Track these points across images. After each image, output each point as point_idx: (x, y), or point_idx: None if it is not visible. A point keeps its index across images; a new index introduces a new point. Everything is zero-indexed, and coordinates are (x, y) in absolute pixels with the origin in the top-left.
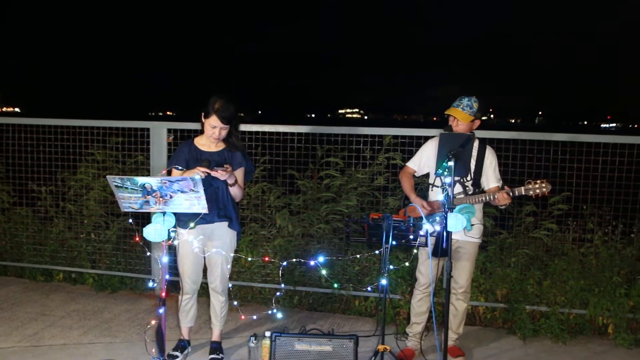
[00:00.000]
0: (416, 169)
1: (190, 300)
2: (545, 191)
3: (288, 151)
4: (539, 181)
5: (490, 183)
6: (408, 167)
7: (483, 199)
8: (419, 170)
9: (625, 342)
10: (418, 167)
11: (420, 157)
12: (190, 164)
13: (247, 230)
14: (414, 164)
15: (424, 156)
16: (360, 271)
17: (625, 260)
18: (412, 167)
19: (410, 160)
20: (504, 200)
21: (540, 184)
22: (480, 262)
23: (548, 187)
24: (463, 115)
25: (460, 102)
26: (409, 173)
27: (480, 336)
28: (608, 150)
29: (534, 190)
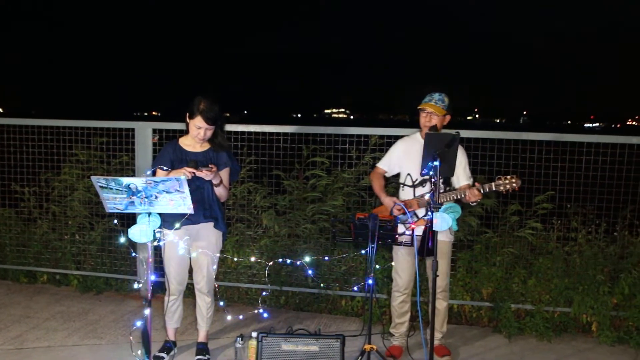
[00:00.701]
0: (387, 169)
1: (176, 301)
2: (515, 186)
3: (274, 151)
4: (509, 177)
5: (461, 181)
6: (378, 168)
7: (454, 196)
8: (390, 171)
9: (609, 340)
10: (389, 167)
11: (391, 157)
12: (175, 164)
13: (233, 231)
14: (384, 164)
15: (394, 156)
16: (347, 271)
17: (608, 259)
18: (382, 168)
19: (380, 160)
20: (474, 196)
21: (510, 179)
22: (465, 261)
23: (518, 182)
24: (437, 109)
25: (432, 96)
26: (380, 174)
27: (466, 335)
28: (591, 149)
29: (504, 185)
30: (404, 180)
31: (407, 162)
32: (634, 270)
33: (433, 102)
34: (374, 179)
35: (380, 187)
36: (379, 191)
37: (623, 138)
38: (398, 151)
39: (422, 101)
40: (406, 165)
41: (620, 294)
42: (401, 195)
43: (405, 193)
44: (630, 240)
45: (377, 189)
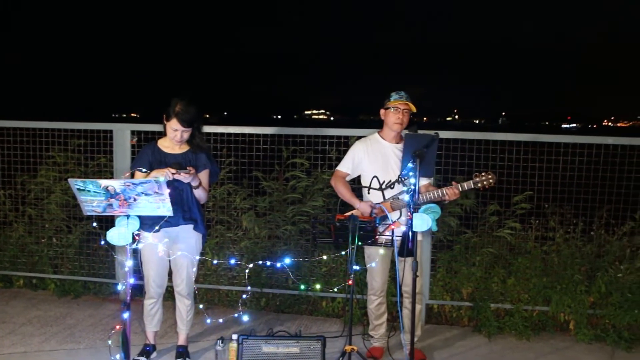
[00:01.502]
0: (349, 172)
1: (155, 305)
2: (491, 182)
3: (254, 152)
4: (484, 173)
5: (422, 180)
6: (340, 171)
7: (430, 196)
8: (352, 173)
9: (586, 338)
10: (351, 169)
11: (352, 159)
12: (154, 166)
13: (212, 233)
14: (346, 167)
15: (355, 158)
16: (328, 272)
17: (585, 258)
18: (344, 171)
19: (341, 163)
20: (453, 195)
21: (487, 175)
22: (445, 262)
23: (494, 178)
24: (411, 106)
25: (400, 94)
26: (342, 177)
27: (447, 335)
28: (568, 150)
29: (481, 182)
30: (369, 183)
31: (371, 165)
32: (610, 269)
33: (404, 99)
34: (338, 184)
35: (350, 193)
36: (349, 196)
37: (599, 138)
38: (360, 153)
39: (391, 99)
40: (371, 168)
41: (597, 293)
42: (367, 198)
43: (373, 196)
44: (606, 239)
45: (346, 195)
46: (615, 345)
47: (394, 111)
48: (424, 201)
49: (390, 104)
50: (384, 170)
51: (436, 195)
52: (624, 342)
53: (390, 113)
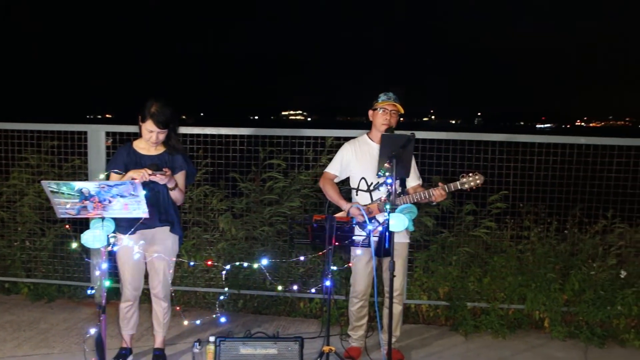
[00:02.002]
0: (338, 174)
1: (131, 307)
2: (478, 182)
3: (230, 154)
4: (471, 173)
5: (411, 182)
6: (328, 173)
7: (418, 197)
8: (341, 175)
9: (560, 335)
10: (339, 171)
11: (341, 161)
12: (129, 168)
13: (189, 235)
14: (334, 169)
15: (344, 160)
16: (305, 273)
17: (559, 256)
18: (333, 173)
19: (330, 165)
20: (440, 196)
21: (474, 176)
22: (422, 261)
23: (481, 178)
24: (398, 107)
25: (388, 95)
26: (330, 179)
27: (424, 334)
28: (542, 149)
29: (468, 183)
30: (357, 184)
31: (359, 166)
32: (584, 267)
33: (392, 100)
34: (326, 185)
35: (337, 194)
36: (337, 198)
37: (572, 138)
38: (348, 154)
39: (379, 100)
40: (359, 169)
41: (571, 290)
42: (355, 200)
43: (361, 198)
44: (580, 238)
45: (334, 197)
46: (589, 341)
47: (382, 112)
48: (411, 202)
49: (378, 105)
50: (372, 171)
51: (423, 196)
52: (597, 338)
53: (378, 114)
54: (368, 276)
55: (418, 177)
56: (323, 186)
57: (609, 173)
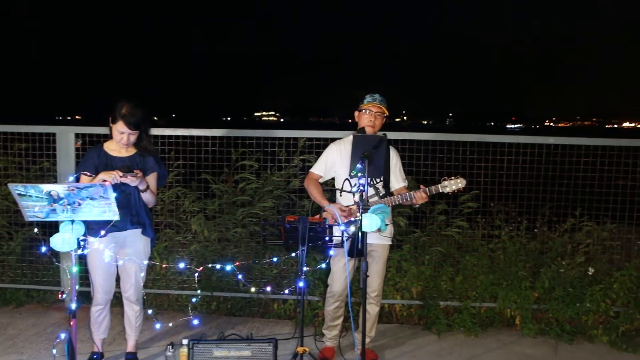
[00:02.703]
0: (322, 174)
1: (102, 311)
2: (460, 186)
3: (202, 155)
4: (453, 177)
5: (397, 183)
6: (313, 173)
7: (399, 199)
8: (325, 176)
9: (531, 332)
10: (324, 172)
11: (326, 161)
12: (100, 170)
13: (161, 237)
14: (319, 169)
15: (329, 160)
16: (279, 274)
17: (529, 254)
18: (317, 173)
19: (315, 165)
20: (421, 199)
21: (456, 179)
22: (395, 261)
23: (463, 182)
24: (383, 109)
25: (374, 97)
26: (315, 179)
27: (398, 333)
28: (512, 149)
29: (450, 186)
30: (341, 185)
31: (344, 167)
32: (553, 265)
33: (377, 102)
34: (310, 185)
35: (320, 194)
36: (320, 199)
37: (540, 138)
38: (333, 155)
39: (364, 101)
40: (344, 170)
41: (541, 288)
42: (339, 201)
43: (345, 199)
44: (549, 236)
45: (316, 197)
46: (558, 338)
47: (367, 114)
48: (394, 204)
49: (363, 107)
50: None
51: (405, 198)
52: (566, 334)
53: (363, 115)
54: (347, 278)
55: (403, 180)
56: (307, 186)
57: (577, 172)
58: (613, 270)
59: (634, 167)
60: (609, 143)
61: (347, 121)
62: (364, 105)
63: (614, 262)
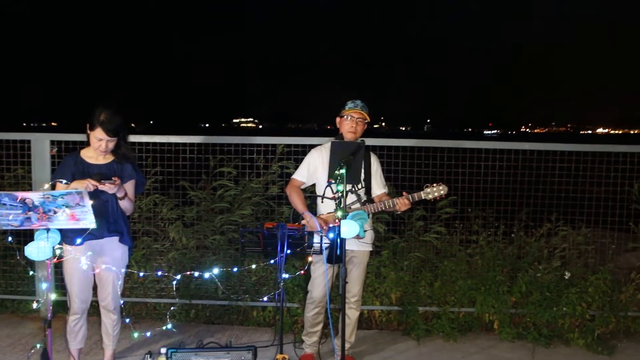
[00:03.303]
0: (304, 181)
1: (79, 321)
2: (442, 193)
3: (180, 162)
4: (436, 184)
5: (378, 189)
6: (295, 180)
7: (381, 206)
8: (307, 182)
9: (509, 336)
10: (306, 178)
11: (308, 167)
12: (76, 178)
13: (139, 245)
14: (301, 175)
15: (311, 166)
16: (257, 281)
17: (507, 259)
18: (299, 179)
19: (297, 172)
20: (404, 206)
21: (438, 186)
22: (374, 267)
23: (445, 189)
24: (364, 115)
25: (355, 103)
26: (297, 186)
27: (377, 339)
28: (489, 155)
29: (433, 193)
30: (322, 192)
31: (325, 173)
32: (530, 269)
33: (358, 108)
34: (292, 192)
35: (302, 203)
36: (302, 208)
37: (517, 144)
38: (315, 161)
39: (346, 107)
40: (325, 176)
41: (519, 292)
42: (321, 208)
43: (326, 205)
44: (526, 241)
45: (299, 206)
46: (536, 342)
47: (349, 120)
48: (376, 211)
49: (345, 112)
50: None
51: (387, 205)
52: (544, 338)
53: (344, 121)
54: (328, 282)
55: (384, 186)
56: (289, 193)
57: (553, 177)
58: (588, 274)
59: (608, 172)
60: (583, 149)
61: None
62: (345, 111)
63: (589, 266)
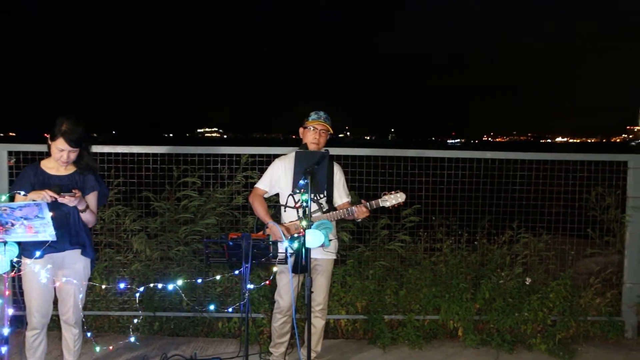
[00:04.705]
0: (267, 190)
1: (39, 336)
2: (400, 201)
3: (143, 172)
4: (393, 192)
5: (341, 199)
6: (258, 189)
7: (341, 214)
8: (270, 191)
9: (473, 343)
10: (269, 187)
11: (271, 176)
12: (36, 189)
13: (101, 257)
14: (264, 184)
15: (274, 175)
16: (223, 292)
17: (470, 266)
18: (262, 188)
19: (260, 181)
20: (362, 213)
21: (395, 194)
22: (340, 276)
23: (403, 197)
24: (327, 126)
25: (319, 114)
26: (260, 195)
27: (343, 348)
28: (452, 164)
29: (390, 200)
30: (285, 201)
31: (288, 182)
32: (493, 276)
33: (322, 120)
34: (255, 201)
35: (265, 211)
36: (264, 216)
37: (478, 153)
38: (278, 171)
39: (309, 119)
40: (288, 186)
41: (482, 299)
42: (284, 217)
43: (289, 214)
44: (489, 248)
45: (261, 214)
46: (499, 347)
47: (312, 131)
48: (336, 219)
49: (308, 124)
50: None
51: (347, 213)
52: (507, 344)
53: (307, 132)
54: (293, 291)
55: (347, 195)
56: (252, 202)
57: (514, 185)
58: (549, 280)
59: (567, 180)
60: (543, 157)
61: (291, 137)
62: (308, 122)
63: (550, 272)
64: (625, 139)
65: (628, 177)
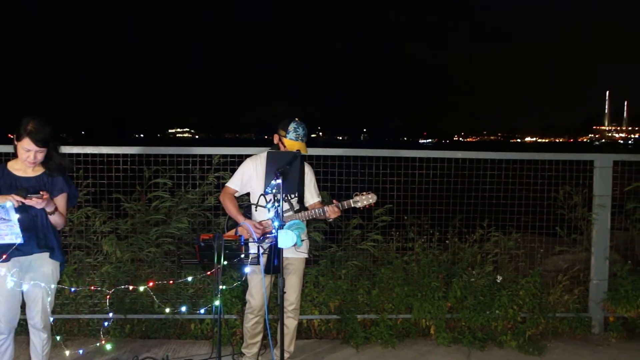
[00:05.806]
0: (238, 189)
1: (5, 341)
2: (372, 202)
3: (113, 173)
4: (365, 193)
5: (312, 199)
6: (229, 188)
7: (313, 214)
8: (241, 190)
9: (445, 341)
10: (240, 186)
11: (242, 176)
12: (3, 191)
13: (70, 259)
14: (235, 184)
15: (245, 175)
16: (195, 293)
17: (442, 265)
18: (233, 187)
19: (231, 180)
20: (334, 213)
21: (367, 195)
22: (312, 276)
23: (374, 198)
24: (304, 147)
25: (298, 133)
26: (231, 194)
27: (316, 348)
28: (423, 164)
29: (362, 201)
30: (256, 200)
31: (259, 182)
32: (464, 275)
33: (300, 140)
34: (226, 200)
35: (236, 209)
36: (235, 214)
37: (449, 153)
38: (249, 170)
39: (288, 135)
40: (259, 185)
41: (454, 298)
42: (255, 216)
43: (260, 214)
44: (460, 247)
45: (232, 212)
46: (471, 345)
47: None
48: (308, 219)
49: (286, 142)
50: None
51: (318, 213)
52: (478, 342)
53: (285, 140)
54: (265, 291)
55: (318, 195)
56: (223, 200)
57: (484, 185)
58: (519, 277)
59: (536, 179)
60: (512, 157)
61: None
62: (287, 140)
63: (520, 270)
64: (592, 138)
65: (594, 176)
